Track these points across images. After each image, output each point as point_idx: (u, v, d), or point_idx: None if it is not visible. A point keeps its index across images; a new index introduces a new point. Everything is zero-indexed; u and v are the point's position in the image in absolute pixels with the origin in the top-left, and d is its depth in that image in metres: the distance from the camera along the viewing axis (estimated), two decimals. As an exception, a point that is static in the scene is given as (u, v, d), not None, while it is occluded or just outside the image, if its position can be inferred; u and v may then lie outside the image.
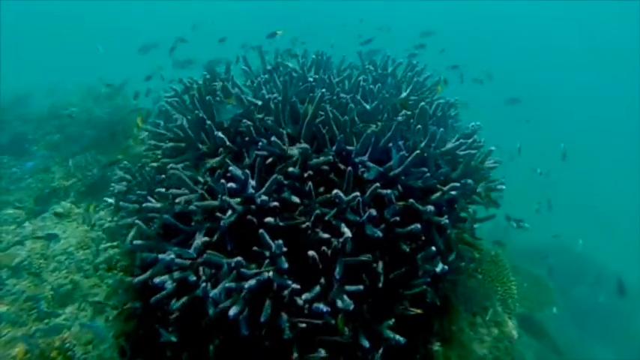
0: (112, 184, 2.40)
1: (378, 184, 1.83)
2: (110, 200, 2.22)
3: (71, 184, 3.83)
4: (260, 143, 2.01)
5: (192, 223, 2.07)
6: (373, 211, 1.81)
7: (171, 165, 2.12)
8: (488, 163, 2.28)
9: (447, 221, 1.90)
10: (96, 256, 2.96)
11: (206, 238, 1.96)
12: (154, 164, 2.31)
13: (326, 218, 1.86)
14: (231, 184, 1.87)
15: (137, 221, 2.12)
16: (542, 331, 3.84)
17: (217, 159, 2.12)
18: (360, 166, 1.96)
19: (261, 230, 1.74)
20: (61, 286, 2.69)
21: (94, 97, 5.65)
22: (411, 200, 1.89)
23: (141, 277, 1.96)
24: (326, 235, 1.81)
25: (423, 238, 1.97)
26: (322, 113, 2.08)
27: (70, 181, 3.85)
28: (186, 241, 2.06)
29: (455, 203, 2.20)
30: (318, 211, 1.83)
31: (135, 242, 2.04)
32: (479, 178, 2.28)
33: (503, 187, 2.27)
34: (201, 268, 1.90)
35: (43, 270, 2.76)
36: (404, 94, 2.48)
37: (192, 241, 1.95)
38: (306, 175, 2.02)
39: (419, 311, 1.90)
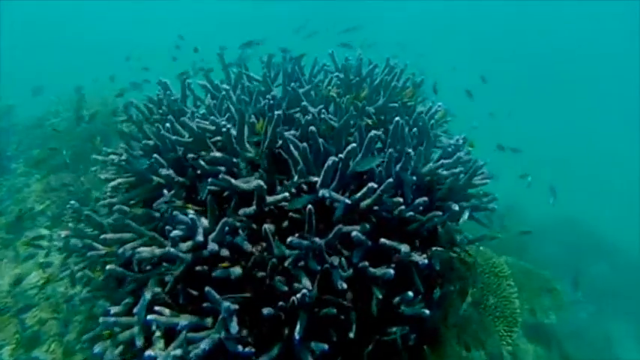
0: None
1: (341, 226, 1.58)
2: (62, 237, 2.01)
3: (46, 206, 3.66)
4: (210, 178, 1.76)
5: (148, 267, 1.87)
6: (335, 259, 1.57)
7: (117, 206, 1.90)
8: (477, 180, 2.00)
9: (425, 261, 1.64)
10: (69, 288, 2.79)
11: (157, 289, 1.75)
12: (104, 202, 2.08)
13: (286, 264, 1.62)
14: (175, 232, 1.64)
15: (87, 271, 1.93)
16: (549, 338, 3.61)
17: (168, 194, 1.89)
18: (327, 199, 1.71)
19: (207, 288, 1.51)
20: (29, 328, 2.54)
21: (78, 106, 5.41)
22: (383, 240, 1.64)
23: (87, 336, 1.78)
24: (285, 288, 1.58)
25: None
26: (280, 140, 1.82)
27: (44, 203, 3.67)
28: (140, 288, 1.86)
29: (440, 228, 1.94)
30: (274, 260, 1.59)
31: (83, 295, 1.84)
32: (466, 197, 2.01)
33: (495, 207, 2.00)
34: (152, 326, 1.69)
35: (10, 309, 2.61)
36: (378, 103, 2.19)
37: (143, 291, 1.75)
38: (267, 209, 1.79)
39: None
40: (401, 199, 1.69)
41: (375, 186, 1.63)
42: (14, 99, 6.04)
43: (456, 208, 1.79)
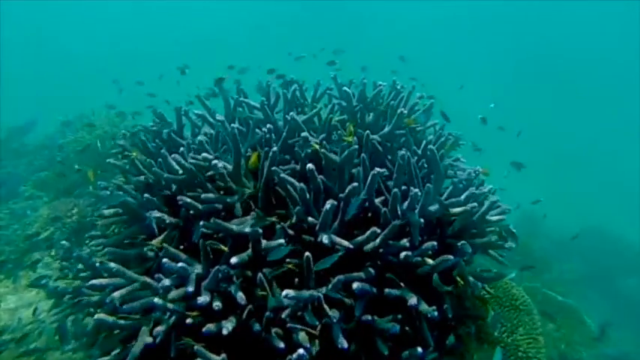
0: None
1: (340, 278, 1.44)
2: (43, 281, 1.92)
3: (50, 233, 3.62)
4: (202, 222, 1.65)
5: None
6: (336, 314, 1.43)
7: (107, 249, 1.80)
8: (493, 216, 1.84)
9: (435, 314, 1.49)
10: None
11: (149, 339, 1.64)
12: (97, 241, 1.99)
13: (283, 316, 1.49)
14: (164, 282, 1.53)
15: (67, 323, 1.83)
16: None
17: (159, 238, 1.78)
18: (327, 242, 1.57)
19: (196, 347, 1.39)
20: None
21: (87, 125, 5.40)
22: (388, 290, 1.50)
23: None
24: (281, 345, 1.44)
25: (407, 328, 1.58)
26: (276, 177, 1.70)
27: (49, 230, 3.64)
28: (131, 338, 1.75)
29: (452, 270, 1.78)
30: (269, 314, 1.46)
31: (65, 347, 1.74)
32: (480, 234, 1.85)
33: (513, 245, 1.84)
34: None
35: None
36: (384, 131, 2.06)
37: (132, 344, 1.63)
38: (264, 254, 1.67)
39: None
40: (407, 243, 1.54)
41: (378, 231, 1.49)
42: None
43: (469, 249, 1.63)
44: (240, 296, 1.51)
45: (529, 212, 11.08)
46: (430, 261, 1.59)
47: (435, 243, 1.53)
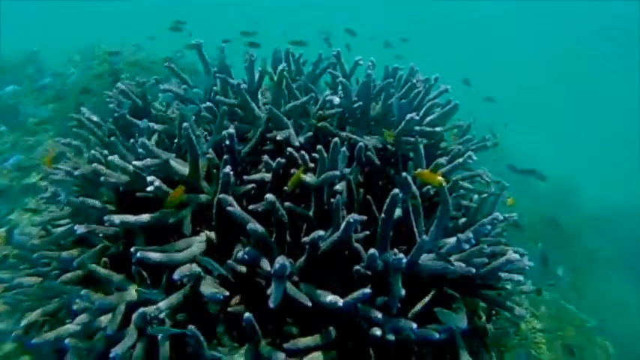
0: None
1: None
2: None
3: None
4: (139, 252, 1.33)
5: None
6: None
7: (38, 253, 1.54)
8: (506, 273, 1.43)
9: None
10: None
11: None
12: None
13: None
14: (75, 325, 1.26)
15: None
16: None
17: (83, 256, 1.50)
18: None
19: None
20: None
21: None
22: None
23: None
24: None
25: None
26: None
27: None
28: None
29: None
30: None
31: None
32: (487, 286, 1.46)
33: (525, 315, 1.43)
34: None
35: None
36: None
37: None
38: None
39: None
40: (379, 317, 1.18)
41: (340, 304, 1.13)
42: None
43: (464, 324, 1.26)
44: (165, 352, 1.23)
45: (561, 183, 10.26)
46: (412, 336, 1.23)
47: (415, 326, 1.16)
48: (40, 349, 1.37)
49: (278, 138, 1.52)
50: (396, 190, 1.21)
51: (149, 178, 1.30)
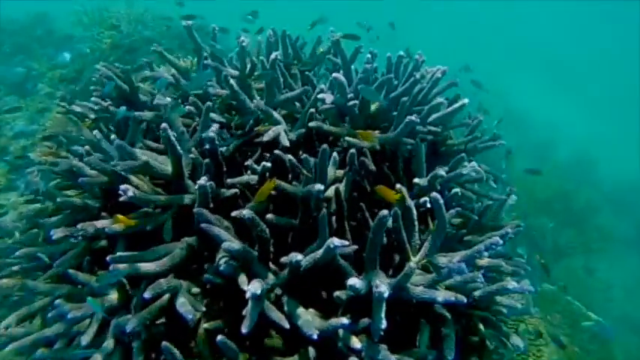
0: None
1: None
2: None
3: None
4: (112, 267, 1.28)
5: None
6: None
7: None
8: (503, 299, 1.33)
9: None
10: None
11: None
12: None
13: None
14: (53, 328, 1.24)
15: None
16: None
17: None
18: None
19: None
20: None
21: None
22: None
23: None
24: None
25: None
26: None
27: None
28: None
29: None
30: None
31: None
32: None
33: (522, 348, 1.34)
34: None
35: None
36: (390, 135, 1.46)
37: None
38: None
39: None
40: (358, 346, 1.11)
41: (315, 337, 1.06)
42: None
43: (451, 356, 1.18)
44: (139, 367, 1.21)
45: (581, 154, 9.81)
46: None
47: (395, 358, 1.09)
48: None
49: (264, 139, 1.41)
50: (384, 212, 1.10)
51: (122, 187, 1.22)
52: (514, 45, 19.79)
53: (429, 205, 1.34)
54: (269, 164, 1.36)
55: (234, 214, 1.31)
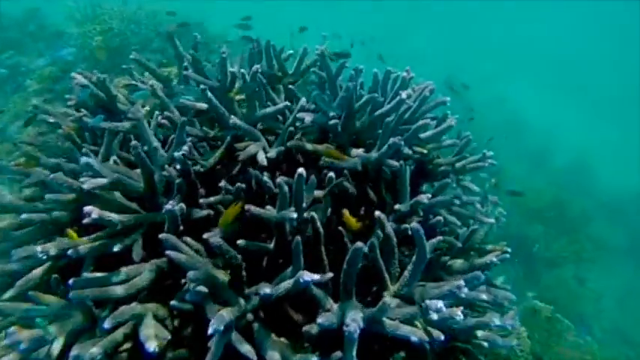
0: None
1: None
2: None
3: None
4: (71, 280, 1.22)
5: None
6: None
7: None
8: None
9: None
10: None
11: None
12: None
13: None
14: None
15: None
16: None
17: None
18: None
19: None
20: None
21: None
22: None
23: None
24: None
25: None
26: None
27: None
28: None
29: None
30: None
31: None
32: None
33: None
34: None
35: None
36: (373, 156, 1.40)
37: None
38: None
39: None
40: None
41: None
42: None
43: None
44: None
45: (577, 161, 9.76)
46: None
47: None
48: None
49: (240, 158, 1.35)
50: (359, 245, 1.05)
51: (86, 209, 1.16)
52: (514, 45, 19.74)
53: (410, 233, 1.28)
54: (243, 185, 1.30)
55: (205, 236, 1.26)
